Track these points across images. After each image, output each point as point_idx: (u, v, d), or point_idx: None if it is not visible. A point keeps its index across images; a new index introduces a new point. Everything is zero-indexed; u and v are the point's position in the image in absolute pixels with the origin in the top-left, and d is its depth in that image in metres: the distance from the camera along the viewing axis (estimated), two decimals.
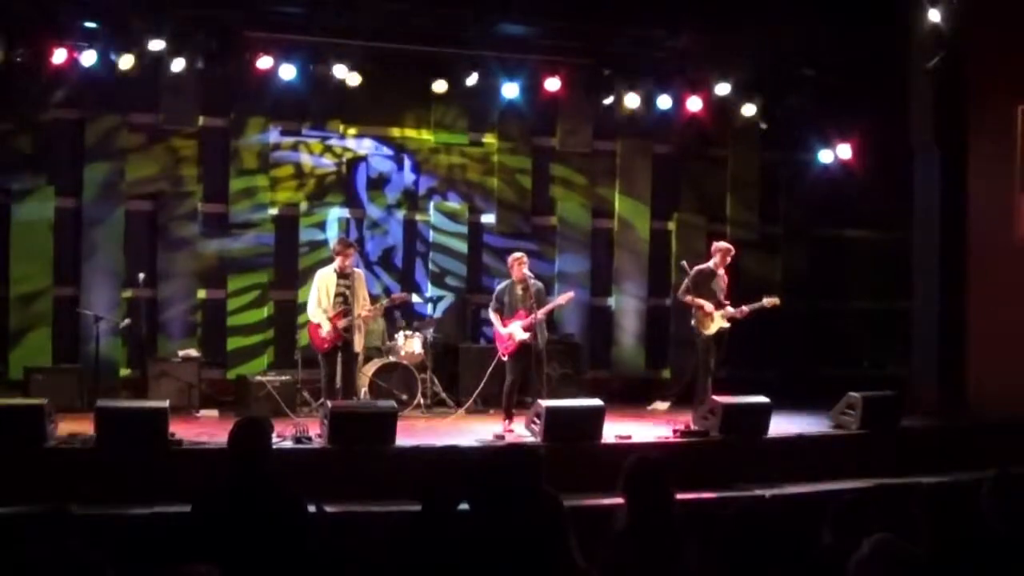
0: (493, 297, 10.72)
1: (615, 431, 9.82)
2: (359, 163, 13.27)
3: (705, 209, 14.30)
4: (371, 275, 12.62)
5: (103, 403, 8.78)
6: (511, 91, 12.82)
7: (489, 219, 13.70)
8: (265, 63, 11.75)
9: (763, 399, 10.02)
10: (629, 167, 14.04)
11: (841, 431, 10.41)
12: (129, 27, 11.29)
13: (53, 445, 8.53)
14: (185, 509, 4.90)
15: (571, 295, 11.13)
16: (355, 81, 12.12)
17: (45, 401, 8.77)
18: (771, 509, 8.01)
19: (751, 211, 14.46)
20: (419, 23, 12.16)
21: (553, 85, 12.77)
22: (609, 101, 13.03)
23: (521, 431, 9.91)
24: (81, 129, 12.19)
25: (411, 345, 11.85)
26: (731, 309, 10.70)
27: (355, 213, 13.23)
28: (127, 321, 11.50)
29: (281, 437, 8.87)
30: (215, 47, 11.46)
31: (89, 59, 11.34)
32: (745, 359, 12.34)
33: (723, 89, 13.06)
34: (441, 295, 13.26)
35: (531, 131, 13.72)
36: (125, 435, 8.40)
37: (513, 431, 10.07)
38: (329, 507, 6.07)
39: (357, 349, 10.44)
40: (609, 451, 9.07)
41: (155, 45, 11.32)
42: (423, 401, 11.59)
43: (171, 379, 11.36)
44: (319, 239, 13.00)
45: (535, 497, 4.78)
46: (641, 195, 14.07)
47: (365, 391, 11.12)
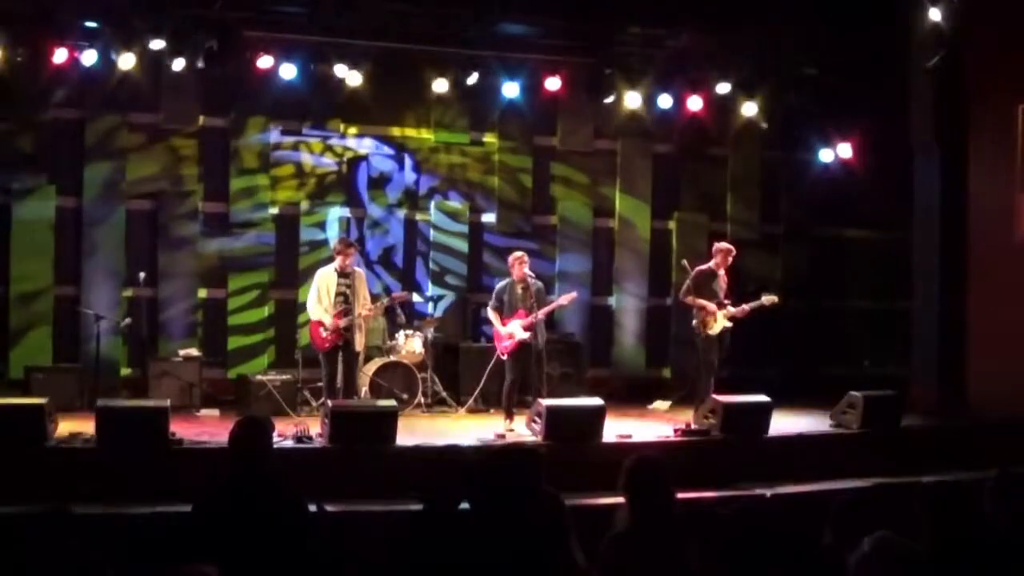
0: (493, 295, 10.71)
1: (616, 430, 9.82)
2: (360, 162, 13.27)
3: (705, 208, 14.31)
4: (372, 274, 12.62)
5: (104, 402, 8.78)
6: (512, 90, 12.82)
7: (490, 218, 13.71)
8: (265, 62, 11.75)
9: (764, 398, 10.01)
10: (630, 166, 14.04)
11: (842, 430, 10.42)
12: (129, 27, 11.28)
13: (53, 445, 8.54)
14: (186, 509, 4.89)
15: (574, 295, 11.09)
16: (356, 80, 12.12)
17: (45, 400, 8.78)
18: (771, 509, 8.02)
19: (751, 210, 14.46)
20: (419, 23, 12.16)
21: (553, 84, 12.77)
22: (609, 100, 13.01)
23: (522, 430, 9.90)
24: (81, 129, 12.19)
25: (411, 344, 11.84)
26: (732, 308, 10.75)
27: (356, 212, 13.23)
28: (128, 320, 11.51)
29: (282, 436, 8.86)
30: (215, 47, 11.42)
31: (89, 59, 11.34)
32: (746, 358, 12.33)
33: (723, 88, 13.07)
34: (442, 294, 13.26)
35: (532, 130, 13.72)
36: (126, 434, 8.40)
37: (514, 430, 10.06)
38: (330, 506, 6.08)
39: (358, 348, 10.45)
40: (610, 450, 9.05)
41: (155, 45, 11.33)
42: (424, 400, 11.59)
43: (172, 378, 11.36)
44: (319, 238, 13.00)
45: (535, 497, 4.77)
46: (642, 194, 14.07)
47: (366, 390, 11.12)
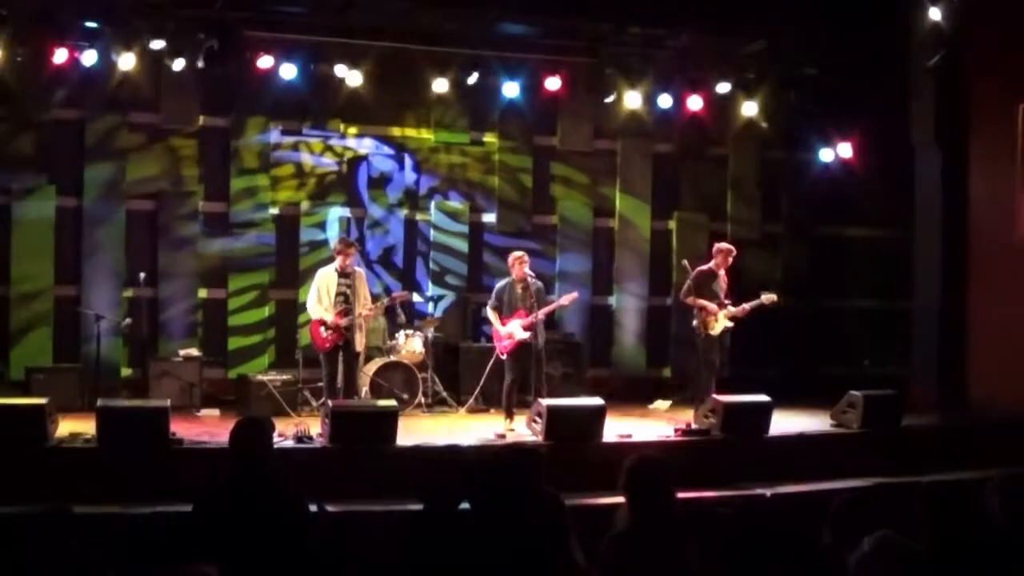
0: (492, 295, 10.70)
1: (616, 430, 9.81)
2: (360, 162, 13.27)
3: (706, 208, 14.30)
4: (372, 274, 12.62)
5: (104, 403, 8.77)
6: (512, 90, 12.81)
7: (490, 218, 13.70)
8: (266, 62, 11.73)
9: (764, 398, 10.01)
10: (630, 166, 14.03)
11: (842, 430, 10.41)
12: (129, 27, 11.28)
13: (54, 445, 8.54)
14: (186, 509, 4.90)
15: (575, 296, 11.06)
16: (356, 80, 12.11)
17: (46, 401, 8.76)
18: (771, 508, 8.04)
19: (752, 210, 14.45)
20: (419, 22, 12.16)
21: (554, 84, 12.76)
22: (610, 100, 13.00)
23: (522, 430, 9.89)
24: (81, 129, 12.19)
25: (412, 344, 11.83)
26: (732, 308, 10.76)
27: (356, 212, 13.22)
28: (128, 320, 11.51)
29: (282, 436, 8.86)
30: (215, 47, 11.42)
31: (89, 59, 11.33)
32: (746, 358, 12.32)
33: (723, 88, 13.07)
34: (442, 294, 13.26)
35: (532, 130, 13.72)
36: (126, 435, 8.40)
37: (514, 430, 10.05)
38: (330, 506, 6.07)
39: (358, 348, 10.45)
40: (610, 450, 9.05)
41: (155, 45, 11.32)
42: (424, 400, 11.58)
43: (172, 378, 11.37)
44: (320, 239, 12.99)
45: (536, 496, 4.78)
46: (642, 194, 14.06)
47: (366, 390, 11.12)
